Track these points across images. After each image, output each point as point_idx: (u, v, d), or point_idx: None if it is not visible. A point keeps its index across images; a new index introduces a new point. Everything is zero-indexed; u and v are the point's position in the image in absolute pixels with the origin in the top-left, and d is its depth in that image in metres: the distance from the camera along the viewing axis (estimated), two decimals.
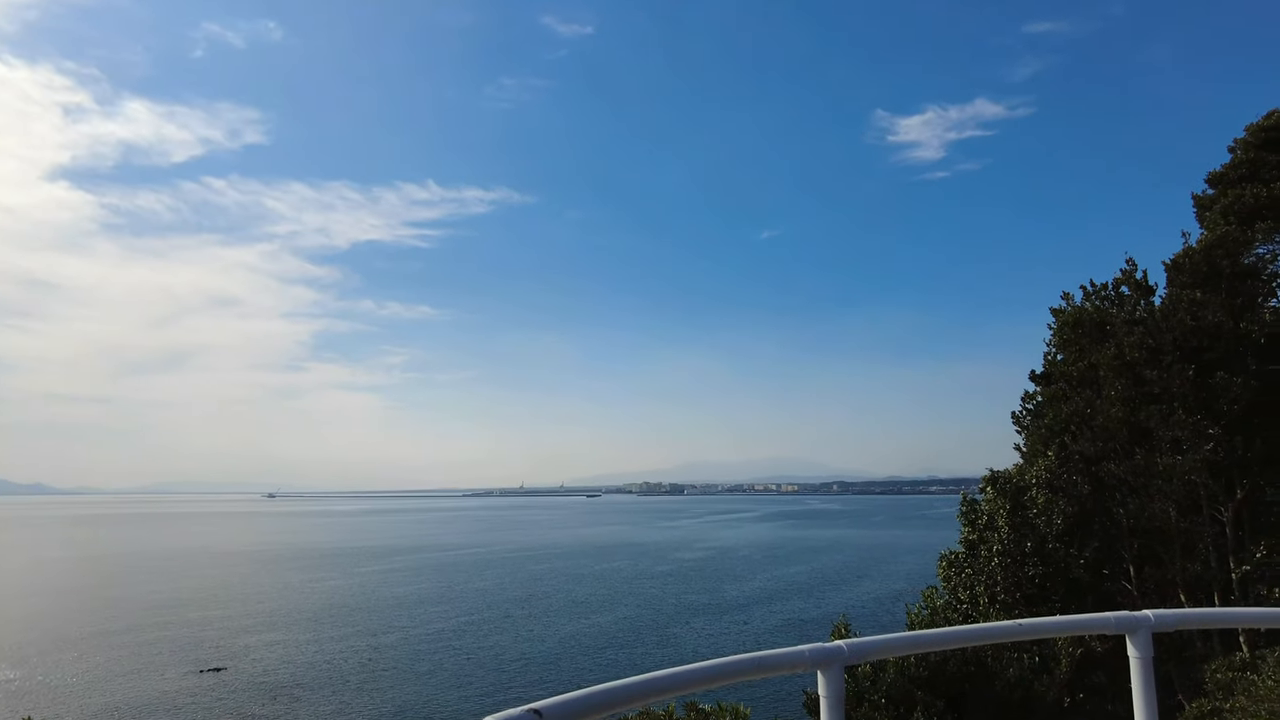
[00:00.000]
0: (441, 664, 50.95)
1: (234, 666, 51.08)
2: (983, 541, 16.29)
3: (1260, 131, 28.12)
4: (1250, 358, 15.42)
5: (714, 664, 2.91)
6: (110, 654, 55.23)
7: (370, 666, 50.44)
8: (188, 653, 55.47)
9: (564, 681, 46.54)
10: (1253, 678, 11.68)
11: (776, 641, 56.59)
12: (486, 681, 46.54)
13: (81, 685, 47.00)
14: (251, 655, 54.26)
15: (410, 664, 50.98)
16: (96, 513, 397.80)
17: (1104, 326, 17.53)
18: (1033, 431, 18.78)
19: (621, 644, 56.80)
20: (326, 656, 53.58)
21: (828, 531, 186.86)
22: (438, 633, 61.43)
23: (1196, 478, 14.60)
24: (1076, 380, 17.53)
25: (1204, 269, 16.08)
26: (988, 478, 17.01)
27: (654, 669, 2.70)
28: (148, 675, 49.10)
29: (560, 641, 57.65)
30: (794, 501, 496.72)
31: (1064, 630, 4.20)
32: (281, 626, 65.05)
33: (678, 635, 59.76)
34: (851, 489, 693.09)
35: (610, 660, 51.77)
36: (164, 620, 68.45)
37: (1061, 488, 15.74)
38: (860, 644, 3.17)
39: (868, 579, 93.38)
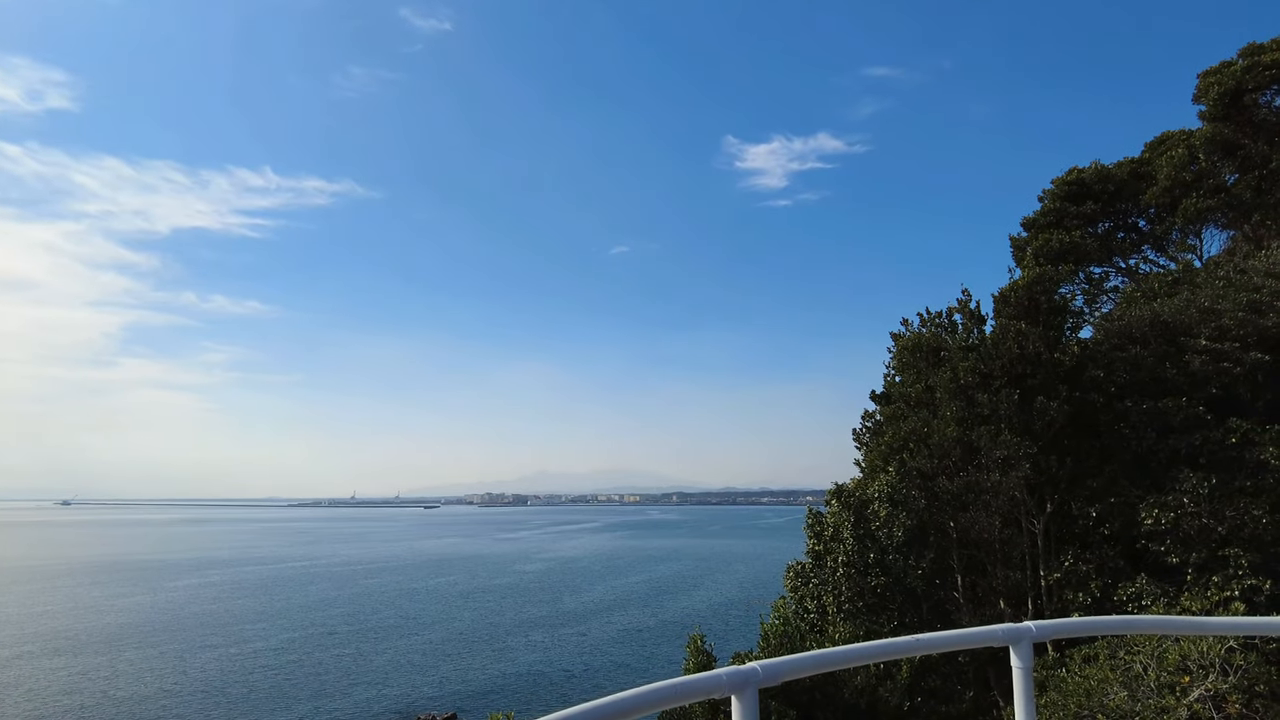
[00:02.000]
0: (257, 685, 47.28)
1: (10, 699, 45.01)
2: (828, 552, 17.02)
3: (1064, 185, 31.59)
4: (1061, 384, 17.05)
5: (629, 695, 2.77)
6: None
7: (175, 691, 45.98)
8: None
9: (391, 701, 44.45)
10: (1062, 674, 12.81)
11: (614, 653, 56.91)
12: (307, 704, 43.65)
13: None
14: (33, 683, 48.00)
15: (222, 687, 46.94)
16: None
17: (939, 351, 18.85)
18: (873, 448, 19.89)
19: (455, 658, 55.07)
20: (125, 681, 48.32)
21: (666, 541, 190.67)
22: (255, 652, 57.05)
23: (1018, 493, 15.96)
24: (914, 401, 18.75)
25: (1026, 303, 17.64)
26: (833, 491, 17.83)
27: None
28: None
29: (390, 659, 55.10)
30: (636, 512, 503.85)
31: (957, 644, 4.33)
32: (71, 650, 58.06)
33: (514, 649, 58.69)
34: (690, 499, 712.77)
35: (443, 676, 50.03)
36: None
37: (901, 501, 16.73)
38: (773, 665, 3.18)
39: (703, 588, 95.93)
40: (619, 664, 53.65)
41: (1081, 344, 18.95)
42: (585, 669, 52.13)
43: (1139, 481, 16.04)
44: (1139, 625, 7.15)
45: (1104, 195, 29.79)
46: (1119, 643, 10.96)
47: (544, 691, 46.56)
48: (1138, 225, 30.29)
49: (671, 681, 2.93)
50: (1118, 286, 30.33)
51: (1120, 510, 15.83)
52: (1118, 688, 10.08)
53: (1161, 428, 16.19)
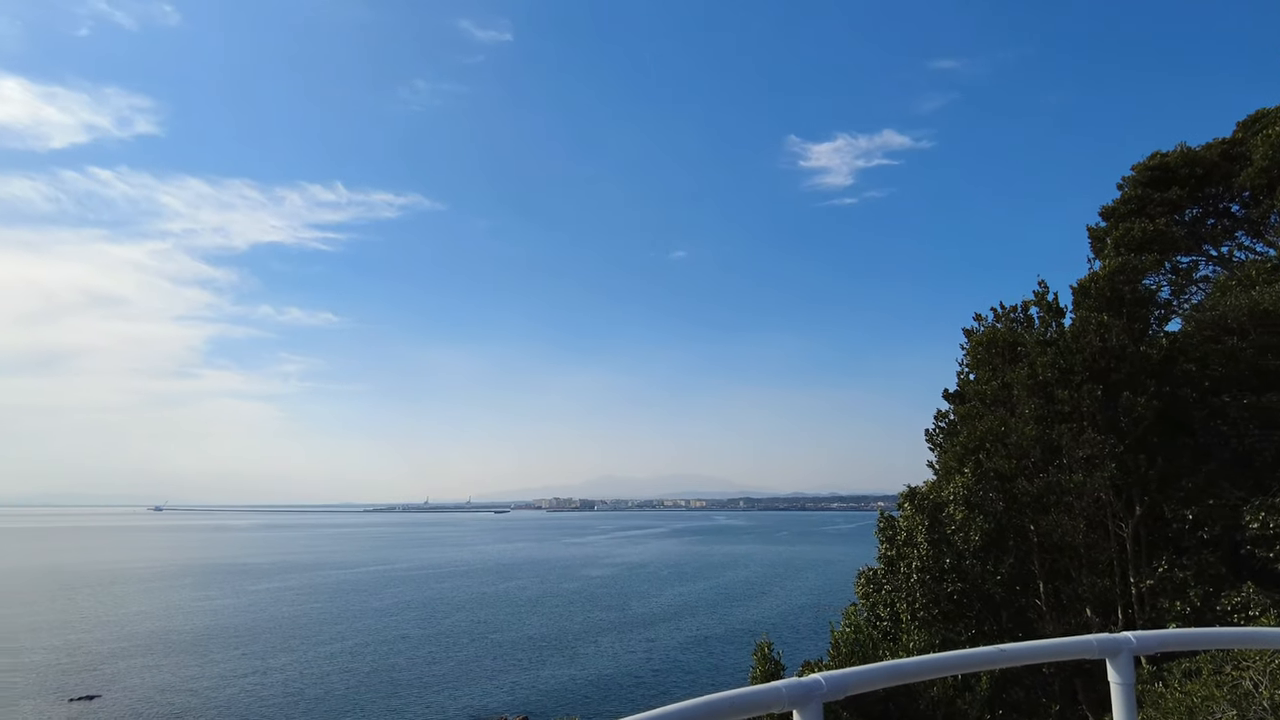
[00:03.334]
0: (333, 688, 48.46)
1: (108, 694, 47.19)
2: (901, 558, 16.37)
3: (1146, 171, 29.94)
4: (1149, 379, 16.05)
5: (684, 707, 2.62)
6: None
7: (256, 692, 47.51)
8: (55, 680, 50.95)
9: (463, 705, 44.97)
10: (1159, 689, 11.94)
11: (682, 660, 56.46)
12: (381, 707, 44.50)
13: None
14: (128, 681, 50.29)
15: (300, 689, 48.28)
16: None
17: (1015, 347, 18.01)
18: (947, 449, 19.10)
19: (525, 663, 55.45)
20: (212, 681, 50.20)
21: (733, 547, 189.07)
22: (331, 655, 58.56)
23: (1103, 495, 15.06)
24: (990, 399, 17.94)
25: (1108, 294, 16.69)
26: (905, 494, 17.16)
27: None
28: (5, 706, 44.80)
29: (460, 663, 55.82)
30: (702, 517, 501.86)
31: (1045, 655, 3.92)
32: (163, 650, 60.70)
33: (583, 654, 58.80)
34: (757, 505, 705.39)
35: (514, 680, 50.41)
36: (27, 645, 62.84)
37: (978, 504, 15.98)
38: (838, 677, 2.94)
39: (771, 595, 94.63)
40: (686, 670, 53.20)
41: (1170, 336, 17.86)
42: (653, 675, 51.85)
43: (1241, 482, 14.96)
44: (1255, 639, 6.38)
45: (1191, 180, 28.09)
46: (1225, 656, 10.12)
47: (613, 697, 46.46)
48: (1230, 210, 28.46)
49: (729, 694, 2.73)
50: (1209, 276, 28.54)
51: (1221, 513, 14.78)
52: (1225, 706, 9.29)
53: (1265, 424, 15.08)
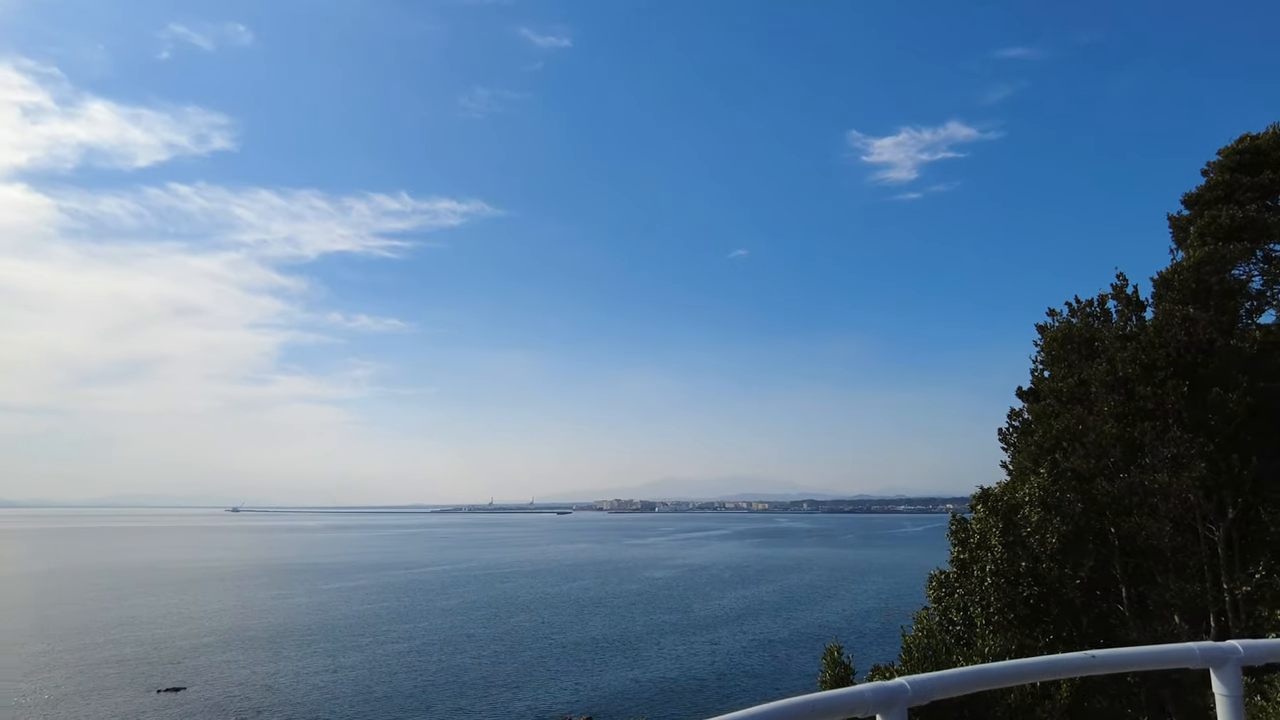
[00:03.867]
0: (400, 685, 49.47)
1: (192, 686, 49.19)
2: (974, 561, 15.83)
3: (1234, 155, 28.40)
4: (1241, 374, 15.20)
5: (765, 710, 2.55)
6: (56, 675, 52.89)
7: (327, 688, 48.86)
8: (144, 671, 53.37)
9: (527, 703, 45.38)
10: (1259, 702, 11.28)
11: (746, 663, 55.93)
12: (447, 705, 45.24)
13: (25, 707, 44.86)
14: (211, 675, 52.32)
15: (369, 686, 49.46)
16: (53, 527, 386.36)
17: (1093, 342, 17.28)
18: (1021, 449, 18.43)
19: (588, 663, 55.71)
20: (286, 677, 51.84)
21: (797, 550, 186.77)
22: (399, 653, 59.83)
23: (1192, 496, 14.30)
24: (1066, 396, 17.24)
25: (1193, 285, 15.89)
26: (978, 495, 16.59)
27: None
28: (100, 696, 47.03)
29: (525, 663, 56.38)
30: (764, 520, 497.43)
31: (1141, 663, 3.66)
32: (242, 645, 62.97)
33: (646, 655, 58.78)
34: (821, 507, 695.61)
35: (577, 681, 50.66)
36: (120, 638, 65.95)
37: (1055, 505, 15.35)
38: (923, 681, 2.84)
39: (836, 598, 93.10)
40: (750, 674, 52.70)
41: (1264, 329, 16.89)
42: (717, 678, 51.52)
43: None
44: None
45: None
46: None
47: (677, 699, 46.33)
48: None
49: (810, 697, 2.67)
50: None
51: None
52: None
53: None
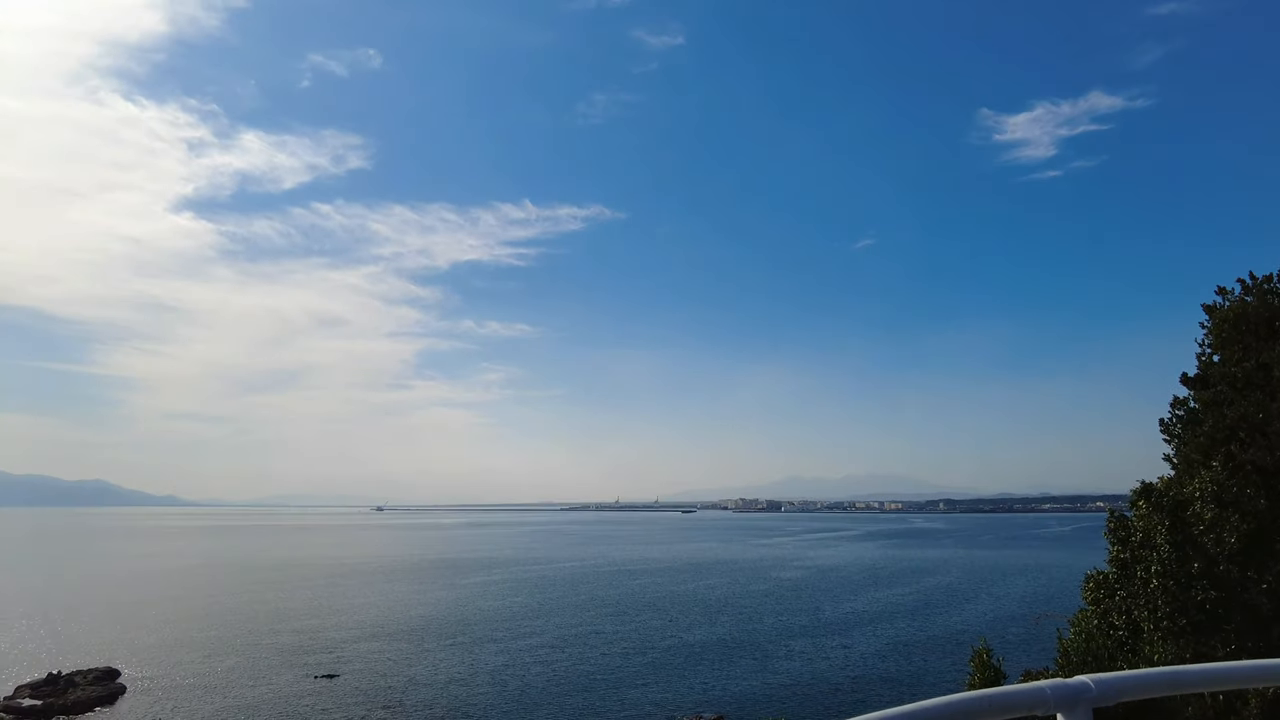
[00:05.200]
0: (533, 680, 50.73)
1: (344, 674, 52.32)
2: (1137, 561, 14.46)
3: None
4: None
5: (938, 703, 2.46)
6: (230, 659, 57.63)
7: (464, 680, 50.75)
8: (301, 659, 57.31)
9: (656, 701, 45.49)
10: None
11: (880, 667, 53.99)
12: (578, 700, 45.99)
13: (207, 686, 49.04)
14: (360, 664, 55.54)
15: (503, 680, 51.03)
16: (221, 524, 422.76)
17: (1273, 322, 15.45)
18: (1187, 440, 16.71)
19: (716, 663, 55.35)
20: (428, 669, 54.29)
21: (932, 551, 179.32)
22: (531, 648, 61.47)
23: None
24: (1242, 382, 15.48)
25: None
26: (1139, 491, 15.13)
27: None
28: (265, 679, 50.86)
29: (653, 661, 56.64)
30: (897, 520, 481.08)
31: None
32: (387, 637, 66.53)
33: (775, 656, 57.84)
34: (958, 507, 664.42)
35: (705, 680, 50.40)
36: (279, 628, 71.19)
37: (1232, 502, 13.79)
38: (1110, 681, 2.63)
39: (976, 601, 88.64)
40: (886, 678, 50.87)
41: None
42: (850, 681, 50.03)
43: None
44: None
45: None
46: None
47: (809, 702, 45.32)
48: None
49: (986, 691, 2.52)
50: None
51: None
52: None
53: None
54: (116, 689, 47.97)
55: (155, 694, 47.13)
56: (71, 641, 64.14)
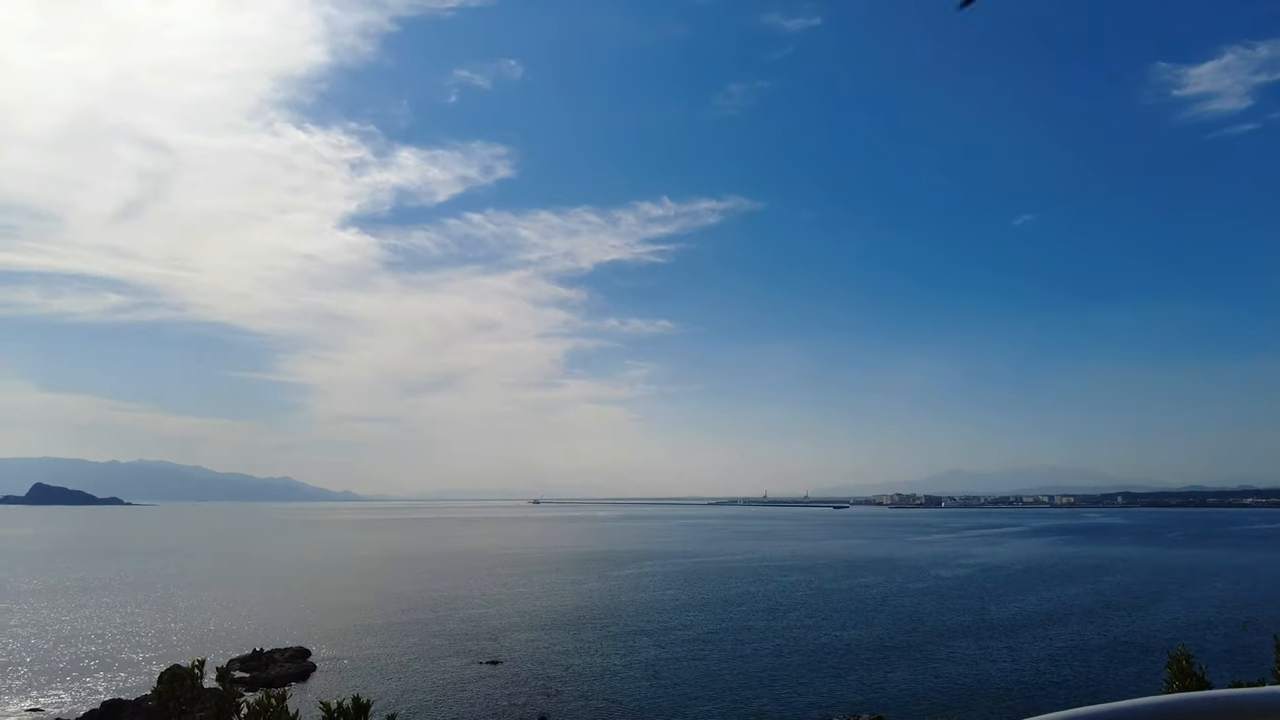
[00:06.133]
0: (685, 673, 51.31)
1: (507, 661, 55.13)
2: None
3: None
4: None
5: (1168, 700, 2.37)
6: (404, 642, 62.10)
7: (621, 671, 52.07)
8: (467, 645, 60.89)
9: (811, 698, 44.87)
10: None
11: (1054, 673, 50.65)
12: (730, 696, 46.10)
13: (385, 668, 53.14)
14: (521, 652, 58.29)
15: (655, 671, 51.94)
16: (391, 517, 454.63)
17: None
18: None
19: (873, 662, 53.85)
20: (584, 658, 56.17)
21: (1110, 549, 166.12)
22: (684, 640, 62.21)
23: None
24: None
25: None
26: None
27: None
28: (436, 663, 54.46)
29: (806, 658, 55.87)
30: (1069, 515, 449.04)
31: None
32: (546, 626, 69.40)
33: (936, 657, 55.57)
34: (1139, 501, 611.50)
35: (861, 679, 49.19)
36: (446, 615, 75.91)
37: None
38: None
39: (1163, 604, 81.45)
40: (1060, 684, 47.79)
41: None
42: (1019, 686, 47.36)
43: None
44: None
45: None
46: None
47: (973, 705, 43.28)
48: None
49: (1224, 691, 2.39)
50: None
51: None
52: None
53: None
54: (308, 666, 52.90)
55: (341, 672, 51.53)
56: (269, 622, 71.31)
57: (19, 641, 62.34)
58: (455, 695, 45.77)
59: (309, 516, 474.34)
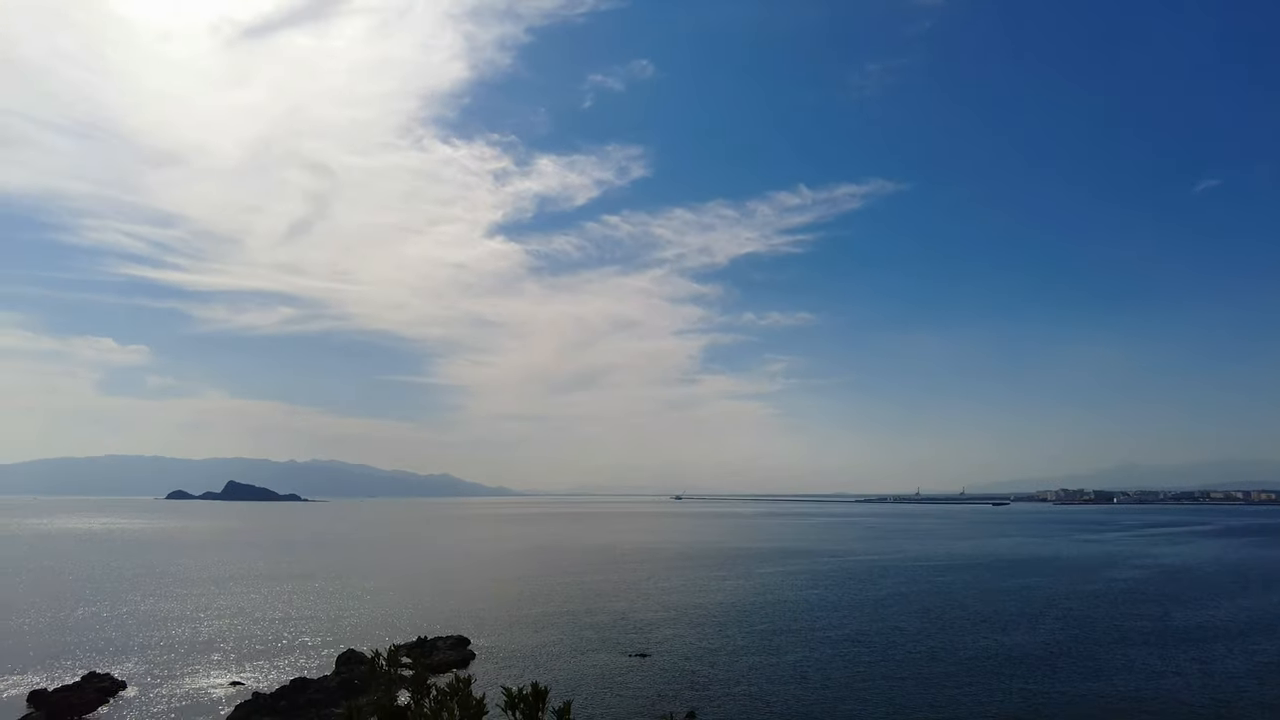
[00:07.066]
0: (834, 674, 50.04)
1: (656, 653, 55.91)
2: None
3: None
4: None
5: None
6: (556, 633, 64.30)
7: (767, 669, 51.50)
8: (616, 637, 62.25)
9: (967, 707, 42.55)
10: None
11: (1258, 693, 45.59)
12: (880, 699, 44.53)
13: (538, 657, 55.24)
14: (668, 646, 58.89)
15: (803, 672, 51.00)
16: (542, 512, 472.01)
17: None
18: None
19: (1039, 670, 50.43)
20: (730, 655, 55.99)
21: None
22: (831, 641, 60.79)
23: None
24: None
25: None
26: None
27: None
28: (587, 654, 56.03)
29: (964, 662, 53.13)
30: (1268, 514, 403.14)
31: None
32: (691, 621, 69.81)
33: (1110, 667, 51.40)
34: None
35: (1023, 689, 46.16)
36: (595, 607, 77.95)
37: None
38: None
39: None
40: (1264, 704, 42.93)
41: None
42: (1211, 704, 42.94)
43: None
44: None
45: None
46: None
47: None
48: None
49: None
50: None
51: None
52: None
53: None
54: (468, 654, 55.79)
55: (499, 660, 54.00)
56: (431, 611, 75.86)
57: (224, 622, 69.55)
58: (607, 686, 46.87)
59: (465, 511, 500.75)
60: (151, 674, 50.08)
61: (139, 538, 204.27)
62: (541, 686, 24.80)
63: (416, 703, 26.46)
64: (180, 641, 60.78)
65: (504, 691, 24.78)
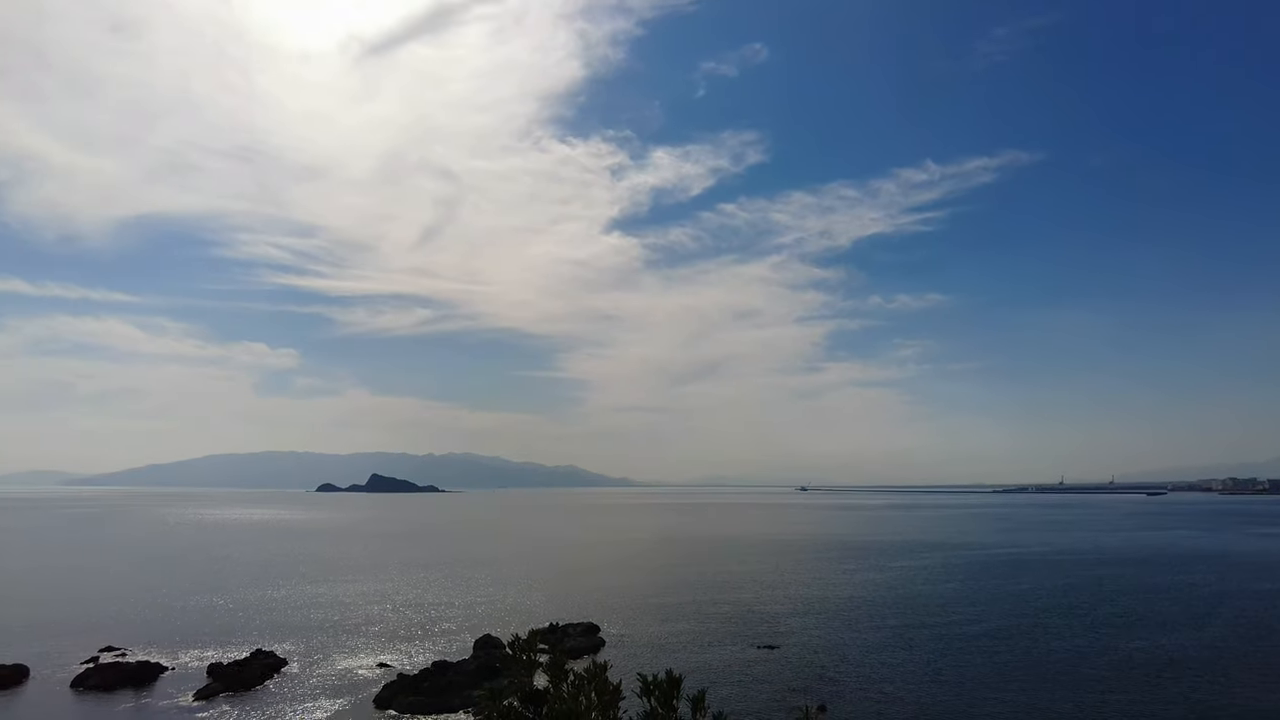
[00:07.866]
0: (970, 669, 48.22)
1: (784, 646, 55.65)
2: None
3: None
4: None
5: None
6: (684, 622, 65.06)
7: (900, 665, 50.20)
8: (743, 628, 62.34)
9: (1118, 710, 39.89)
10: None
11: None
12: (1021, 699, 42.44)
13: (667, 646, 56.09)
14: (796, 639, 58.45)
15: (938, 668, 49.39)
16: (666, 503, 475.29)
17: None
18: None
19: (1205, 675, 46.70)
20: (859, 649, 54.93)
21: None
22: (969, 636, 58.59)
23: None
24: None
25: None
26: None
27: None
28: (715, 646, 56.41)
29: (1115, 662, 49.99)
30: None
31: None
32: (819, 614, 68.92)
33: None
34: None
35: (1187, 695, 42.79)
36: (721, 598, 78.22)
37: None
38: None
39: None
40: None
41: None
42: None
43: None
44: None
45: None
46: None
47: None
48: None
49: None
50: None
51: None
52: None
53: None
54: (598, 641, 57.38)
55: (628, 648, 55.20)
56: (561, 598, 78.41)
57: (371, 607, 74.49)
58: (737, 676, 47.10)
59: (590, 501, 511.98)
60: (309, 653, 54.43)
61: (295, 528, 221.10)
62: (676, 675, 25.39)
63: (555, 686, 27.56)
64: (333, 624, 65.62)
65: (639, 678, 25.58)
